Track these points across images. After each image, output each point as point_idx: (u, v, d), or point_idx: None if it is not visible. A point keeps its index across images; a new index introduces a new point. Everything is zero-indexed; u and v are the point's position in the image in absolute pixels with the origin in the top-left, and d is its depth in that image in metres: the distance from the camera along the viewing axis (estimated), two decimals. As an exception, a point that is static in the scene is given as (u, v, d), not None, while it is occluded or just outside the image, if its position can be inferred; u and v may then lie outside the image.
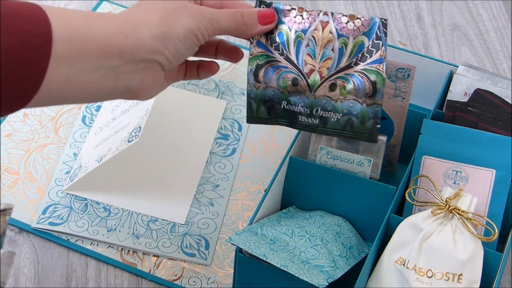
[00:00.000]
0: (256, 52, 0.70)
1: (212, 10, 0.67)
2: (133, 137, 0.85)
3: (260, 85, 0.70)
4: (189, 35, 0.64)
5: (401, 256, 0.76)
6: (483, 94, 0.88)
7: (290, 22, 0.70)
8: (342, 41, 0.70)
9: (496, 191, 0.81)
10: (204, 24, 0.65)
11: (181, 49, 0.64)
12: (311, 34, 0.70)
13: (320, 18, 0.70)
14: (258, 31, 0.70)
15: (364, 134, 0.69)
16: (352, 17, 0.70)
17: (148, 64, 0.63)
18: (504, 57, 1.11)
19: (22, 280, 0.83)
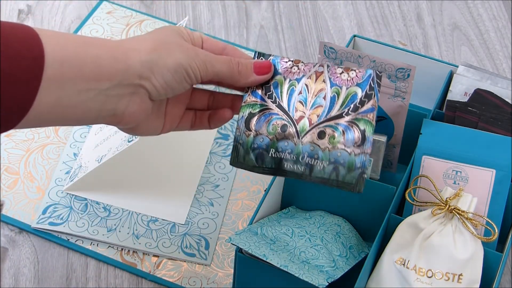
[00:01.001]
0: (250, 101, 0.70)
1: (208, 53, 0.67)
2: (133, 137, 0.85)
3: (250, 133, 0.70)
4: (179, 68, 0.64)
5: (401, 256, 0.76)
6: (483, 94, 0.88)
7: (286, 73, 0.71)
8: (335, 90, 0.69)
9: (496, 191, 0.81)
10: (196, 63, 0.65)
11: (170, 80, 0.64)
12: (304, 82, 0.70)
13: (315, 68, 0.70)
14: (252, 80, 0.70)
15: (349, 184, 0.67)
16: (347, 69, 0.70)
17: (135, 89, 0.63)
18: (504, 57, 1.11)
19: (22, 280, 0.83)
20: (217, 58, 0.67)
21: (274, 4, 1.18)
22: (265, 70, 0.70)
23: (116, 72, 0.61)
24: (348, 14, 1.17)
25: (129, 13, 1.13)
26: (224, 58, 0.68)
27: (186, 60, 0.65)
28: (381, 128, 0.86)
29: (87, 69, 0.60)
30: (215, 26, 1.14)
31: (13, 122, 0.58)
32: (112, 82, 0.61)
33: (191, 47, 0.66)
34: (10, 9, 1.14)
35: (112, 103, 0.63)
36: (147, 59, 0.63)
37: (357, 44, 0.97)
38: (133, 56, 0.62)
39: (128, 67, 0.62)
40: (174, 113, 0.70)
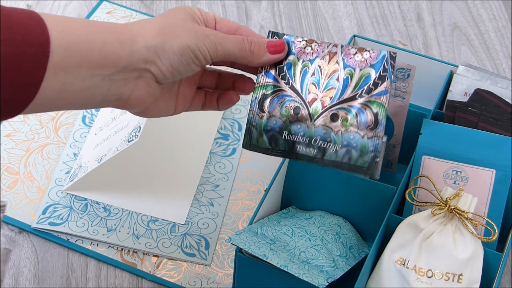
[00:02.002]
0: (264, 82, 0.70)
1: (219, 33, 0.67)
2: (133, 137, 0.85)
3: (263, 115, 0.69)
4: (186, 51, 0.64)
5: (401, 256, 0.76)
6: (483, 94, 0.88)
7: (299, 53, 0.70)
8: (348, 72, 0.69)
9: (496, 191, 0.81)
10: (206, 45, 0.65)
11: (176, 64, 0.64)
12: (317, 63, 0.70)
13: (328, 49, 0.70)
14: (265, 60, 0.69)
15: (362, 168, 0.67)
16: (361, 50, 0.69)
17: (141, 73, 0.63)
18: (504, 57, 1.11)
19: (22, 280, 0.83)
20: (228, 38, 0.67)
21: (274, 4, 1.18)
22: (278, 49, 0.69)
23: (121, 57, 0.61)
24: (348, 14, 1.17)
25: (129, 13, 1.13)
26: (236, 37, 0.67)
27: (194, 42, 0.64)
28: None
29: (93, 55, 0.60)
30: (215, 26, 1.14)
31: (18, 110, 0.58)
32: (117, 67, 0.61)
33: (201, 29, 0.66)
34: (10, 9, 1.13)
35: (117, 88, 0.63)
36: (152, 43, 0.62)
37: (357, 44, 0.97)
38: (139, 41, 0.62)
39: (133, 52, 0.62)
40: (187, 93, 0.70)
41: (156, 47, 0.63)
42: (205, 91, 0.73)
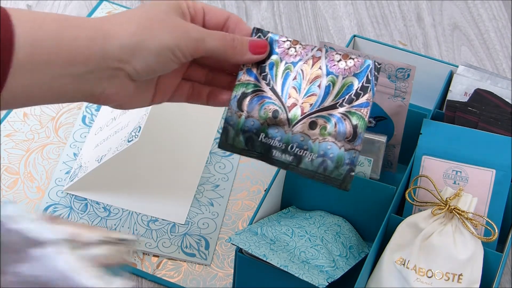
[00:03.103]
0: (244, 80, 0.68)
1: (201, 29, 0.64)
2: (133, 137, 0.85)
3: (242, 114, 0.67)
4: (163, 51, 0.62)
5: (401, 256, 0.76)
6: (483, 94, 0.88)
7: (283, 54, 0.68)
8: (331, 79, 0.66)
9: (496, 191, 0.81)
10: (186, 42, 0.62)
11: (152, 63, 0.62)
12: (300, 67, 0.67)
13: (313, 52, 0.67)
14: (247, 59, 0.67)
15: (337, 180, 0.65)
16: (346, 56, 0.67)
17: (114, 72, 0.61)
18: (504, 57, 1.11)
19: (22, 280, 0.83)
20: (210, 34, 0.65)
21: (274, 4, 1.18)
22: (260, 50, 0.67)
23: (93, 56, 0.59)
24: (348, 14, 1.17)
25: (129, 13, 1.13)
26: (218, 34, 0.65)
27: (173, 41, 0.62)
28: (381, 128, 0.86)
29: (62, 52, 0.58)
30: (215, 26, 1.14)
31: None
32: (88, 66, 0.59)
33: (182, 25, 0.63)
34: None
35: (88, 85, 0.61)
36: (127, 43, 0.60)
37: (357, 44, 0.97)
38: (113, 40, 0.60)
39: (106, 51, 0.60)
40: (168, 84, 0.68)
41: (132, 46, 0.60)
42: (193, 83, 0.70)
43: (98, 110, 0.99)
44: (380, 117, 0.86)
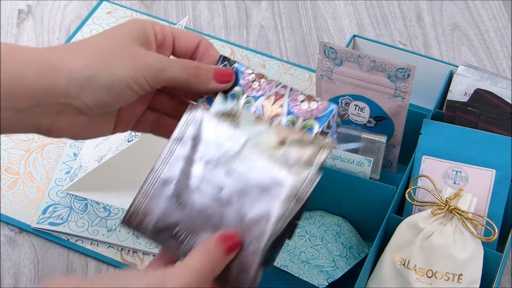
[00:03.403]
0: (205, 108, 0.64)
1: (163, 58, 0.61)
2: (133, 137, 0.85)
3: None
4: (115, 84, 0.58)
5: (401, 256, 0.76)
6: (483, 94, 0.88)
7: (246, 86, 0.65)
8: (291, 119, 0.63)
9: (496, 191, 0.81)
10: (144, 74, 0.59)
11: (103, 97, 0.58)
12: (261, 102, 0.64)
13: (276, 89, 0.64)
14: (211, 87, 0.63)
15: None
16: (310, 98, 0.63)
17: (61, 107, 0.58)
18: (504, 57, 1.11)
19: (22, 280, 0.83)
20: (173, 63, 0.61)
21: (274, 4, 1.18)
22: (226, 79, 0.64)
23: (38, 90, 0.56)
24: (348, 14, 1.17)
25: (129, 13, 1.13)
26: (181, 62, 0.62)
27: (129, 73, 0.58)
28: (381, 128, 0.86)
29: (4, 87, 0.55)
30: (215, 26, 1.14)
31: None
32: (32, 101, 0.56)
33: (140, 55, 0.60)
34: (10, 9, 1.14)
35: (33, 120, 0.58)
36: (78, 76, 0.57)
37: (357, 44, 0.97)
38: (62, 72, 0.56)
39: (53, 85, 0.56)
40: (130, 113, 0.64)
41: (81, 80, 0.57)
42: (159, 115, 0.67)
43: (98, 110, 0.99)
44: (380, 117, 0.86)
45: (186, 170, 0.60)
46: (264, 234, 0.56)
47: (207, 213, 0.58)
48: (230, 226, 0.57)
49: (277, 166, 0.58)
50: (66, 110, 0.58)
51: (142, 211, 0.60)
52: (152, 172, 0.61)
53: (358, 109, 0.86)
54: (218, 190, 0.59)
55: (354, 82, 0.84)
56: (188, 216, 0.59)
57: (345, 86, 0.85)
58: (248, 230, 0.57)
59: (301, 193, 0.57)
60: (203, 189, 0.59)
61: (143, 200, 0.61)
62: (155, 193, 0.60)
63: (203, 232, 0.58)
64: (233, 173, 0.58)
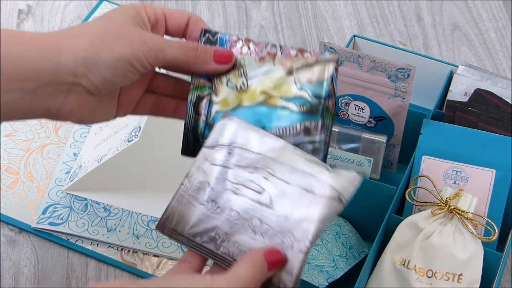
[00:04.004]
0: (198, 83, 0.65)
1: (160, 39, 0.62)
2: (133, 137, 0.85)
3: (199, 117, 0.65)
4: (119, 62, 0.59)
5: (401, 256, 0.76)
6: (483, 94, 0.88)
7: (237, 53, 0.66)
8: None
9: (496, 191, 0.81)
10: (144, 53, 0.60)
11: (109, 76, 0.60)
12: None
13: (267, 49, 0.65)
14: (211, 69, 0.64)
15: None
16: (302, 51, 0.65)
17: (70, 87, 0.59)
18: (504, 57, 1.11)
19: (22, 280, 0.83)
20: (171, 44, 0.62)
21: (274, 4, 1.18)
22: (226, 60, 0.65)
23: (44, 71, 0.57)
24: (348, 14, 1.17)
25: (129, 13, 1.13)
26: (179, 43, 0.63)
27: (130, 52, 0.60)
28: (381, 128, 0.86)
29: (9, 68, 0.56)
30: (215, 26, 1.14)
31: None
32: (40, 81, 0.57)
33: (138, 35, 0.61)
34: (10, 9, 1.14)
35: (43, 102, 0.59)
36: (81, 55, 0.58)
37: (357, 44, 0.97)
38: (66, 52, 0.58)
39: (59, 65, 0.58)
40: (130, 96, 0.66)
41: (86, 59, 0.58)
42: (158, 96, 0.68)
43: (98, 110, 0.99)
44: (380, 117, 0.86)
45: (223, 176, 0.60)
46: (307, 235, 0.57)
47: (247, 216, 0.59)
48: (271, 228, 0.58)
49: (318, 168, 0.58)
50: (75, 90, 0.60)
51: (177, 216, 0.60)
52: (186, 178, 0.61)
53: (358, 109, 0.86)
54: (258, 193, 0.59)
55: (354, 82, 0.84)
56: (227, 220, 0.59)
57: (345, 86, 0.85)
58: (290, 232, 0.57)
59: (343, 193, 0.58)
60: (242, 193, 0.59)
61: (177, 206, 0.61)
62: (189, 198, 0.60)
63: (243, 235, 0.58)
64: (273, 176, 0.59)
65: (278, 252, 0.58)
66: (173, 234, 0.60)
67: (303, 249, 0.56)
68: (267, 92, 0.64)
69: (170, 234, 0.61)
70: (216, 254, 0.59)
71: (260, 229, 0.58)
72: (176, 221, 0.60)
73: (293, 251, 0.57)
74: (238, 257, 0.58)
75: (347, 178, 0.58)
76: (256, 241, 0.58)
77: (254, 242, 0.58)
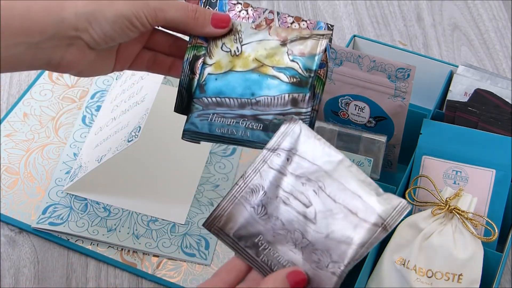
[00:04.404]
0: (195, 43, 0.67)
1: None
2: (133, 137, 0.85)
3: (194, 76, 0.66)
4: (120, 19, 0.61)
5: (401, 256, 0.76)
6: (483, 94, 0.88)
7: (235, 17, 0.67)
8: None
9: (496, 191, 0.81)
10: (144, 12, 0.62)
11: (109, 32, 0.62)
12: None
13: (265, 15, 0.67)
14: (208, 32, 0.66)
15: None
16: (298, 19, 0.67)
17: (71, 40, 0.61)
18: (504, 57, 1.11)
19: (22, 280, 0.83)
20: (171, 5, 0.64)
21: (274, 4, 1.18)
22: (223, 24, 0.66)
23: (48, 25, 0.59)
24: (348, 14, 1.17)
25: (129, 13, 1.13)
26: (179, 4, 0.65)
27: (131, 9, 0.62)
28: (381, 128, 0.86)
29: (15, 22, 0.58)
30: (215, 26, 1.14)
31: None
32: (44, 35, 0.59)
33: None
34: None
35: (45, 54, 0.61)
36: (83, 10, 0.60)
37: (357, 44, 0.97)
38: (68, 7, 0.60)
39: (62, 19, 0.60)
40: (128, 52, 0.68)
41: (88, 14, 0.60)
42: (155, 53, 0.70)
43: (98, 110, 0.99)
44: (380, 117, 0.86)
45: (277, 182, 0.59)
46: (345, 258, 0.56)
47: (291, 228, 0.58)
48: (310, 244, 0.57)
49: (367, 190, 0.58)
50: (76, 43, 0.61)
51: (226, 216, 0.60)
52: (242, 178, 0.60)
53: (358, 109, 0.86)
54: (305, 206, 0.58)
55: (354, 82, 0.84)
56: (271, 228, 0.59)
57: (345, 86, 0.85)
58: (328, 251, 0.57)
59: (388, 221, 0.57)
60: (291, 203, 0.58)
61: (228, 205, 0.60)
62: (242, 199, 0.60)
63: (283, 246, 0.58)
64: (323, 192, 0.58)
65: (301, 273, 0.57)
66: (220, 233, 0.60)
67: (337, 272, 0.56)
68: (260, 60, 0.65)
69: (217, 233, 0.60)
70: (256, 261, 0.59)
71: (300, 243, 0.57)
72: (225, 221, 0.60)
73: (327, 271, 0.56)
74: (276, 268, 0.58)
75: (395, 206, 0.57)
76: (295, 255, 0.57)
77: (293, 256, 0.57)
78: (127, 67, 0.69)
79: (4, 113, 0.98)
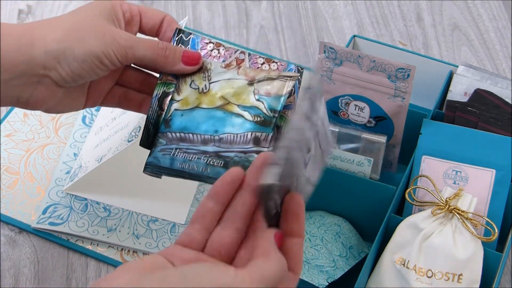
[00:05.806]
0: (166, 79, 0.67)
1: (131, 37, 0.64)
2: (133, 137, 0.85)
3: (162, 113, 0.67)
4: (89, 57, 0.61)
5: (401, 256, 0.76)
6: (483, 94, 0.88)
7: (206, 55, 0.68)
8: None
9: (496, 191, 0.81)
10: (114, 50, 0.62)
11: (77, 70, 0.62)
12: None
13: (236, 55, 0.67)
14: (178, 69, 0.66)
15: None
16: (269, 60, 0.67)
17: (39, 78, 0.61)
18: (504, 57, 1.11)
19: (22, 280, 0.83)
20: (141, 43, 0.64)
21: (274, 4, 1.18)
22: (193, 62, 0.67)
23: (18, 63, 0.60)
24: (348, 14, 1.17)
25: (129, 13, 1.13)
26: (150, 42, 0.65)
27: (100, 48, 0.62)
28: (381, 128, 0.86)
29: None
30: (215, 26, 1.14)
31: None
32: (13, 73, 0.60)
33: (110, 32, 0.63)
34: (10, 9, 1.14)
35: (14, 92, 0.61)
36: (53, 49, 0.60)
37: (357, 44, 0.97)
38: (38, 46, 0.60)
39: (31, 57, 0.60)
40: (100, 88, 0.68)
41: (57, 52, 0.60)
42: (127, 89, 0.70)
43: (98, 110, 0.99)
44: (380, 117, 0.86)
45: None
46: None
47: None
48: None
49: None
50: (44, 82, 0.61)
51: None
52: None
53: (358, 109, 0.86)
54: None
55: (354, 82, 0.84)
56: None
57: (345, 86, 0.85)
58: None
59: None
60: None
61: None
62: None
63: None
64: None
65: None
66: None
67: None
68: (226, 98, 0.65)
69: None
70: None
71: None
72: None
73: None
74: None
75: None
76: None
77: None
78: (99, 104, 0.70)
79: (4, 113, 0.98)
